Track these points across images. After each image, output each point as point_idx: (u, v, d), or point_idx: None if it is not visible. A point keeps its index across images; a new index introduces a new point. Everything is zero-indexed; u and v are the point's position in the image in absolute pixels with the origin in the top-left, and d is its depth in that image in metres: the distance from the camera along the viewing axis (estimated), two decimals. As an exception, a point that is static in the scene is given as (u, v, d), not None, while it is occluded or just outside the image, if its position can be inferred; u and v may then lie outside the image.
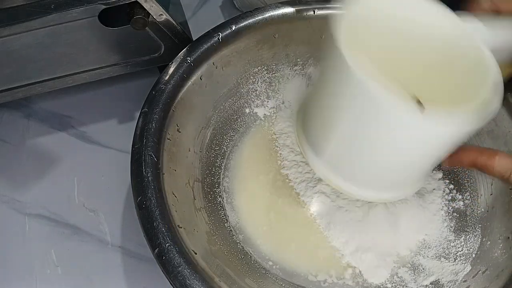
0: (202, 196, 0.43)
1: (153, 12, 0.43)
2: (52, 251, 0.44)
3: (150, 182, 0.37)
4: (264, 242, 0.42)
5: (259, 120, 0.49)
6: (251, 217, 0.43)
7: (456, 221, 0.43)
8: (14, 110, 0.52)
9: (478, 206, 0.43)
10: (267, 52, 0.47)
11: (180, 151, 0.42)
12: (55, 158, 0.49)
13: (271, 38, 0.47)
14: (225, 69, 0.46)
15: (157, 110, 0.40)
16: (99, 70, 0.47)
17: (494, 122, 0.43)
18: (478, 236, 0.42)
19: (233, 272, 0.39)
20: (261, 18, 0.45)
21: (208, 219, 0.42)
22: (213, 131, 0.46)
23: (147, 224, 0.35)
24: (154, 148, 0.39)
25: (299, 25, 0.47)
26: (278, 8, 0.46)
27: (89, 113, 0.52)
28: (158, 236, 0.35)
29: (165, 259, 0.34)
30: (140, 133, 0.39)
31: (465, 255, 0.41)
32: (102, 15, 0.42)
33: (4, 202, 0.47)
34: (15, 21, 0.40)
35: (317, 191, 0.44)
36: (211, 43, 0.44)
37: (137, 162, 0.38)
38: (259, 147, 0.47)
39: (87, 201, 0.47)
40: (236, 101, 0.48)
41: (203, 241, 0.39)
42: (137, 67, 0.48)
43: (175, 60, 0.43)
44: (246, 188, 0.45)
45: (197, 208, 0.42)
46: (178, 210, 0.38)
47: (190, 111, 0.44)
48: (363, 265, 0.41)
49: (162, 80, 0.42)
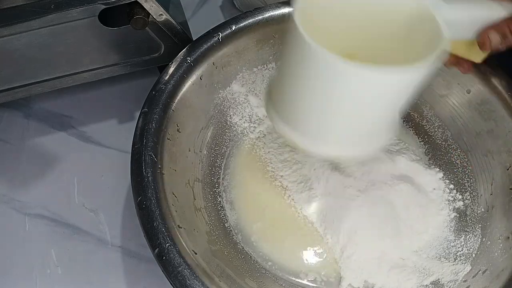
0: (202, 196, 0.43)
1: (153, 12, 0.43)
2: (52, 251, 0.44)
3: (150, 182, 0.37)
4: (263, 242, 0.42)
5: (259, 119, 0.49)
6: (251, 216, 0.44)
7: (456, 221, 0.43)
8: (14, 110, 0.52)
9: (478, 206, 0.43)
10: (267, 52, 0.47)
11: (180, 151, 0.42)
12: (55, 158, 0.49)
13: (271, 38, 0.47)
14: (225, 69, 0.46)
15: (157, 110, 0.40)
16: (99, 70, 0.47)
17: (494, 122, 0.43)
18: (478, 236, 0.42)
19: (233, 272, 0.39)
20: (261, 18, 0.45)
21: (208, 219, 0.42)
22: (213, 131, 0.46)
23: (147, 224, 0.35)
24: (154, 148, 0.39)
25: None
26: (278, 8, 0.46)
27: (89, 113, 0.52)
28: (158, 236, 0.35)
29: (165, 259, 0.34)
30: (140, 133, 0.39)
31: (465, 255, 0.41)
32: (102, 15, 0.42)
33: (4, 202, 0.47)
34: (15, 21, 0.40)
35: (315, 191, 0.44)
36: (211, 43, 0.44)
37: (137, 162, 0.38)
38: (259, 147, 0.47)
39: (87, 201, 0.47)
40: (236, 101, 0.48)
41: (203, 241, 0.39)
42: (137, 67, 0.48)
43: (175, 60, 0.43)
44: (246, 188, 0.45)
45: (197, 208, 0.42)
46: (178, 210, 0.38)
47: (190, 111, 0.44)
48: (361, 265, 0.41)
49: (162, 80, 0.42)
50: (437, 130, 0.48)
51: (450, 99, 0.46)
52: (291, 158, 0.46)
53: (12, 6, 0.40)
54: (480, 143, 0.44)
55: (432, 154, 0.47)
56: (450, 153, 0.46)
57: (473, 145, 0.45)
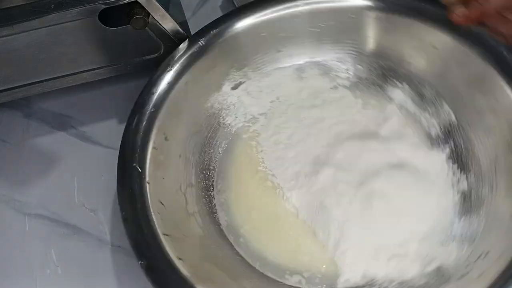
0: (195, 200, 0.43)
1: (153, 12, 0.43)
2: (52, 251, 0.44)
3: (134, 194, 0.38)
4: (256, 242, 0.42)
5: (254, 118, 0.48)
6: (243, 218, 0.43)
7: (460, 204, 0.42)
8: (14, 110, 0.52)
9: (482, 187, 0.42)
10: (253, 51, 0.48)
11: (169, 158, 0.42)
12: (55, 158, 0.49)
13: (257, 37, 0.47)
14: (211, 72, 0.46)
15: (141, 121, 0.41)
16: (99, 70, 0.47)
17: (494, 99, 0.43)
18: (482, 217, 0.41)
19: (227, 274, 0.39)
20: (244, 17, 0.46)
21: (202, 223, 0.42)
22: (205, 134, 0.46)
23: (132, 236, 0.37)
24: (139, 158, 0.40)
25: (286, 20, 0.47)
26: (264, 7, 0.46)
27: (89, 113, 0.52)
28: (143, 246, 0.36)
29: (150, 267, 0.35)
30: (125, 145, 0.41)
31: (468, 238, 0.40)
32: (102, 15, 0.42)
33: (4, 202, 0.47)
34: (15, 21, 0.40)
35: (306, 188, 0.43)
36: (194, 49, 0.44)
37: (121, 174, 0.40)
38: (251, 147, 0.47)
39: (87, 201, 0.47)
40: (228, 101, 0.48)
41: (194, 246, 0.40)
42: (137, 67, 0.48)
43: (160, 68, 0.43)
44: (239, 189, 0.45)
45: (189, 213, 0.42)
46: (165, 217, 0.39)
47: (178, 118, 0.44)
48: (357, 259, 0.40)
49: (146, 90, 0.43)
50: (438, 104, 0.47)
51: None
52: (284, 155, 0.46)
53: (12, 6, 0.40)
54: (480, 120, 0.44)
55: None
56: (453, 133, 0.45)
57: (474, 121, 0.44)
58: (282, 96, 0.49)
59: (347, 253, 0.41)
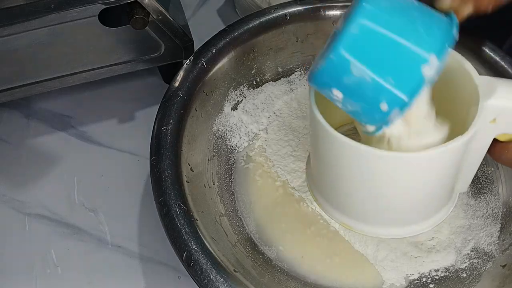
0: (231, 230, 0.41)
1: (153, 12, 0.43)
2: (52, 251, 0.44)
3: (189, 234, 0.35)
4: (291, 255, 0.41)
5: (256, 134, 0.48)
6: (276, 233, 0.42)
7: (471, 185, 0.43)
8: (14, 110, 0.52)
9: (487, 166, 0.44)
10: (249, 66, 0.48)
11: (199, 190, 0.40)
12: (55, 158, 0.49)
13: (250, 52, 0.47)
14: (214, 93, 0.45)
15: (167, 156, 0.38)
16: (99, 70, 0.47)
17: None
18: (496, 194, 0.43)
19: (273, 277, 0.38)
20: (238, 33, 0.46)
21: (245, 252, 0.40)
22: (218, 159, 0.45)
23: (197, 277, 0.34)
24: (179, 195, 0.36)
25: (274, 34, 0.47)
26: (253, 20, 0.46)
27: (89, 113, 0.52)
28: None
29: None
30: (158, 184, 0.37)
31: (491, 215, 0.42)
32: (102, 15, 0.42)
33: (4, 202, 0.47)
34: (15, 21, 0.40)
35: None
36: (197, 71, 0.43)
37: (167, 215, 0.35)
38: (262, 163, 0.46)
39: (87, 201, 0.47)
40: (231, 122, 0.47)
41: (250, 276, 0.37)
42: (137, 67, 0.48)
43: (166, 96, 0.41)
44: (267, 208, 0.44)
45: (232, 244, 0.40)
46: (219, 250, 0.36)
47: (195, 145, 0.42)
48: (398, 263, 0.40)
49: (163, 122, 0.40)
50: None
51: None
52: (298, 167, 0.45)
53: (12, 6, 0.40)
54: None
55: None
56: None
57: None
58: (277, 110, 0.50)
59: (387, 258, 0.41)
